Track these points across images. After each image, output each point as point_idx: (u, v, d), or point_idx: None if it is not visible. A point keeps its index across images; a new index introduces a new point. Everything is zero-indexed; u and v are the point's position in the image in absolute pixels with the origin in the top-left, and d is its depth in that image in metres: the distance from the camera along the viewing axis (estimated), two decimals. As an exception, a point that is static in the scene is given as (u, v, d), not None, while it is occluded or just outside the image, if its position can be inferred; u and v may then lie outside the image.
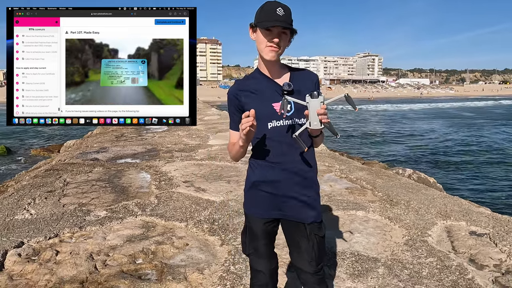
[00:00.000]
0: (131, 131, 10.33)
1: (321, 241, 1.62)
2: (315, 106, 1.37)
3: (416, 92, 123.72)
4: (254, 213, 1.65)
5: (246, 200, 1.69)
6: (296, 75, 1.61)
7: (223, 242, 3.02)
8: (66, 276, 2.44)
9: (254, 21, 1.50)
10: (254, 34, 1.52)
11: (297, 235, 1.61)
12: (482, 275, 2.50)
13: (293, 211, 1.59)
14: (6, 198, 4.04)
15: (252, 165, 1.65)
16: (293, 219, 1.60)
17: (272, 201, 1.59)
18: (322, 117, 1.36)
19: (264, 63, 1.56)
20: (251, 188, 1.64)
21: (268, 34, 1.46)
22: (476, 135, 23.40)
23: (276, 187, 1.57)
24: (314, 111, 1.37)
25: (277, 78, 1.57)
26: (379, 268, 2.60)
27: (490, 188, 10.80)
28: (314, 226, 1.59)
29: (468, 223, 3.42)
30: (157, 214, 3.61)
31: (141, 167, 5.63)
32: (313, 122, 1.39)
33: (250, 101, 1.54)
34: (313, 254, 1.58)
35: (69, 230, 3.20)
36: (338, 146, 17.44)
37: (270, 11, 1.43)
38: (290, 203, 1.58)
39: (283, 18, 1.43)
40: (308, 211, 1.58)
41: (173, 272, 2.51)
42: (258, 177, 1.60)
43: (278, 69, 1.58)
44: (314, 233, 1.59)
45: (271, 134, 1.54)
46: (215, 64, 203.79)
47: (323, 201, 4.02)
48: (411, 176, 6.14)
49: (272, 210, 1.61)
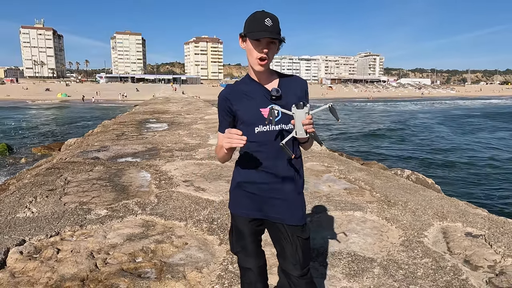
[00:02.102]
0: (132, 130, 10.38)
1: (305, 243, 1.63)
2: (301, 116, 1.43)
3: (417, 92, 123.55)
4: (239, 212, 1.70)
5: (231, 200, 1.74)
6: (285, 81, 1.65)
7: (222, 241, 3.06)
8: (67, 274, 2.48)
9: (244, 31, 1.54)
10: (244, 43, 1.56)
11: (281, 237, 1.64)
12: (476, 276, 2.54)
13: (275, 213, 1.62)
14: (8, 196, 4.09)
15: (238, 166, 1.70)
16: (276, 220, 1.63)
17: (255, 202, 1.64)
18: (307, 127, 1.42)
19: (254, 71, 1.60)
20: (236, 188, 1.70)
21: (258, 44, 1.51)
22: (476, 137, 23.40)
23: (260, 188, 1.62)
24: (300, 121, 1.43)
25: (266, 84, 1.62)
26: (375, 268, 2.64)
27: (489, 190, 10.82)
28: (296, 228, 1.62)
29: (464, 224, 3.46)
30: (157, 213, 3.65)
31: (141, 166, 5.67)
32: (298, 131, 1.45)
33: (239, 105, 1.60)
34: (297, 257, 1.61)
35: (70, 228, 3.25)
36: (338, 147, 17.48)
37: (259, 21, 1.48)
38: (272, 204, 1.62)
39: (271, 28, 1.48)
40: (291, 213, 1.62)
41: (172, 271, 2.55)
42: (243, 178, 1.66)
43: (268, 76, 1.63)
44: (297, 235, 1.61)
45: (257, 138, 1.58)
46: (216, 62, 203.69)
47: (321, 201, 4.07)
48: (409, 177, 6.17)
49: (255, 210, 1.65)
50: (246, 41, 1.54)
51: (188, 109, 19.31)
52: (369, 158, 14.08)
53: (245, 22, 1.55)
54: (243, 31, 1.55)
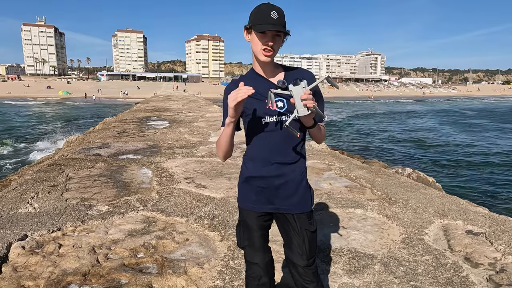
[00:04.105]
0: (133, 127, 10.39)
1: (312, 236, 1.67)
2: (299, 92, 1.41)
3: (419, 92, 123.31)
4: (247, 206, 1.70)
5: (240, 194, 1.74)
6: (290, 74, 1.65)
7: (223, 237, 3.07)
8: (69, 269, 2.50)
9: (249, 23, 1.54)
10: (249, 36, 1.56)
11: (289, 228, 1.67)
12: (477, 273, 2.55)
13: (283, 203, 1.64)
14: (10, 191, 4.10)
15: (246, 160, 1.70)
16: (284, 211, 1.66)
17: (264, 195, 1.65)
18: (306, 102, 1.40)
19: (259, 63, 1.60)
20: (244, 183, 1.70)
21: (263, 37, 1.50)
22: (477, 136, 23.36)
23: (268, 181, 1.62)
24: (298, 97, 1.41)
25: (271, 77, 1.62)
26: (376, 265, 2.65)
27: (490, 189, 10.82)
28: (304, 220, 1.65)
29: (465, 222, 3.46)
30: (158, 210, 3.66)
31: (142, 163, 5.68)
32: (299, 109, 1.42)
33: (246, 99, 1.59)
34: (304, 248, 1.65)
35: (71, 224, 3.26)
36: (339, 144, 17.47)
37: (265, 14, 1.48)
38: (280, 195, 1.63)
39: (277, 21, 1.47)
40: (297, 203, 1.64)
41: (174, 266, 2.56)
42: (251, 172, 1.66)
43: (273, 69, 1.63)
44: (304, 228, 1.65)
45: (264, 129, 1.58)
46: (217, 61, 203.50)
47: (322, 199, 4.07)
48: (410, 175, 6.17)
49: (264, 204, 1.66)
50: (251, 33, 1.54)
51: (189, 107, 19.32)
52: (370, 157, 14.07)
53: (250, 14, 1.54)
54: (248, 23, 1.54)
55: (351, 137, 22.27)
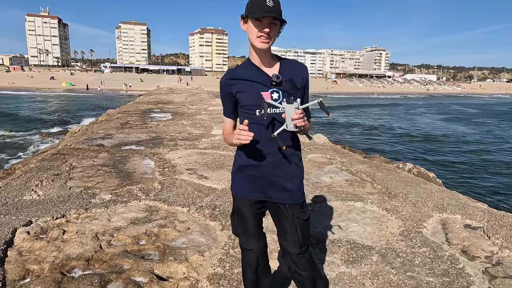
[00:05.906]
0: (136, 119, 10.44)
1: (304, 224, 1.70)
2: (291, 111, 1.48)
3: (423, 88, 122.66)
4: (240, 195, 1.74)
5: (233, 183, 1.79)
6: (285, 66, 1.67)
7: (224, 227, 3.12)
8: (73, 254, 2.55)
9: (245, 12, 1.56)
10: (246, 25, 1.59)
11: (282, 217, 1.70)
12: (473, 266, 2.59)
13: (275, 193, 1.67)
14: (15, 179, 4.16)
15: (239, 150, 1.74)
16: (276, 200, 1.69)
17: (256, 183, 1.68)
18: (296, 121, 1.46)
19: (256, 52, 1.62)
20: (237, 171, 1.74)
21: (259, 24, 1.53)
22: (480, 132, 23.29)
23: (261, 170, 1.66)
24: (289, 115, 1.48)
25: (267, 68, 1.65)
26: (373, 255, 2.69)
27: (490, 185, 10.83)
28: (296, 209, 1.68)
29: (463, 216, 3.49)
30: (160, 199, 3.71)
31: (145, 154, 5.73)
32: (289, 125, 1.50)
33: (240, 89, 1.63)
34: (297, 236, 1.68)
35: (75, 211, 3.32)
36: (341, 139, 17.47)
37: (260, 2, 1.50)
38: (273, 185, 1.66)
39: (273, 9, 1.50)
40: (289, 192, 1.67)
41: (175, 253, 2.61)
42: (244, 161, 1.70)
43: (269, 59, 1.65)
44: (296, 216, 1.67)
45: (258, 121, 1.61)
46: (221, 54, 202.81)
47: (322, 191, 4.11)
48: (411, 170, 6.19)
49: (256, 192, 1.70)
50: (248, 22, 1.56)
51: (192, 100, 19.34)
52: (372, 152, 14.08)
53: (246, 4, 1.57)
54: (244, 13, 1.57)
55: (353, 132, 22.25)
